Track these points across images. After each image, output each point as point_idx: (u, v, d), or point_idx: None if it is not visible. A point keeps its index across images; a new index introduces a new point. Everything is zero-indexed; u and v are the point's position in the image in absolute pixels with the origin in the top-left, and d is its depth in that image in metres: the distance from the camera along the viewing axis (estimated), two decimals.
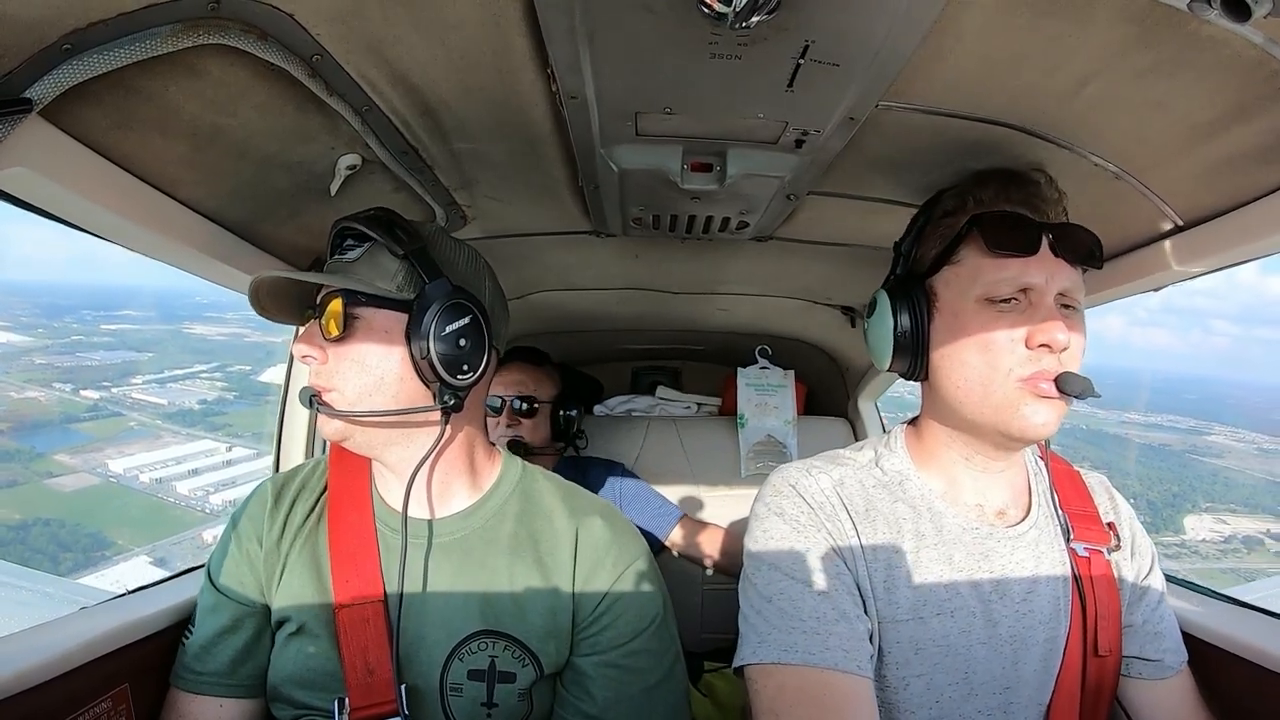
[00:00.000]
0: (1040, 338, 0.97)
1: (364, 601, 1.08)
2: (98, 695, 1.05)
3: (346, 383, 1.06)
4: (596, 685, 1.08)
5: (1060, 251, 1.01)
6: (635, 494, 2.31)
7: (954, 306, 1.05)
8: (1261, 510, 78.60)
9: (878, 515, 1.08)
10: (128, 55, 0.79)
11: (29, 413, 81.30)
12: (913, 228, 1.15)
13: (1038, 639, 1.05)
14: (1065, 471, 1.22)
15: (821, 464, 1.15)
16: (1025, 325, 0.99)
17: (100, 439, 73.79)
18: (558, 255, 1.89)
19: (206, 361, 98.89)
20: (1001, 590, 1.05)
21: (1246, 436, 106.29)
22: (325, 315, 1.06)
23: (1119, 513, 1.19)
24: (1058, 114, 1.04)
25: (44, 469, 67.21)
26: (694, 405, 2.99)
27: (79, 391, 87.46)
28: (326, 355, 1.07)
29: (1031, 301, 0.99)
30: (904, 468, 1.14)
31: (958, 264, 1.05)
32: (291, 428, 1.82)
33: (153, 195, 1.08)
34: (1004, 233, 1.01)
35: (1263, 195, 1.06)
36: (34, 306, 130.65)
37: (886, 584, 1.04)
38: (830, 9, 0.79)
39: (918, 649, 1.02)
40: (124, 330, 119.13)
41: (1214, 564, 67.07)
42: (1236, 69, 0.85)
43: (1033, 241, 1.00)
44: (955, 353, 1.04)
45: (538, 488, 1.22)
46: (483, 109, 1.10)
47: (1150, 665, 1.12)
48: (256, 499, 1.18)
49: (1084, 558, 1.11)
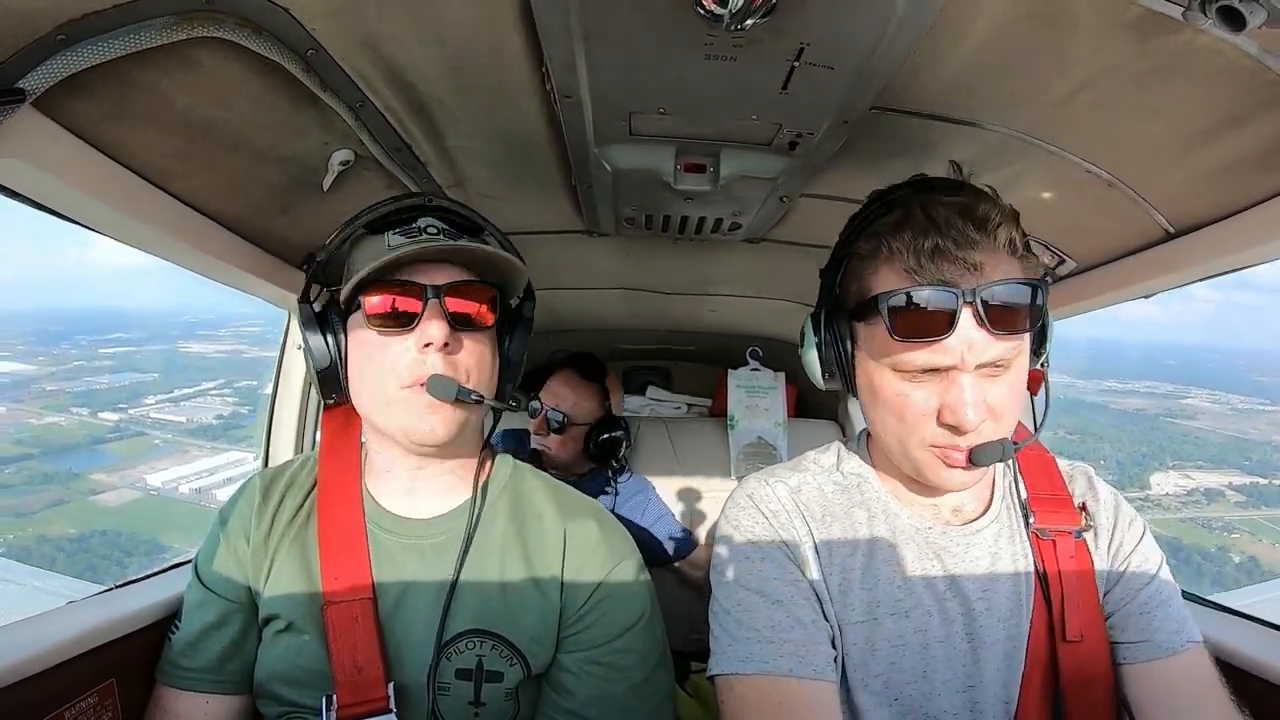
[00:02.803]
0: (949, 419, 0.93)
1: (353, 598, 1.08)
2: (84, 690, 1.04)
3: (473, 375, 1.07)
4: (579, 682, 1.08)
5: (986, 323, 0.89)
6: (660, 515, 2.33)
7: (869, 366, 1.00)
8: (1226, 465, 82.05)
9: (834, 520, 1.09)
10: (122, 46, 0.79)
11: (55, 437, 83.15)
12: (836, 256, 1.06)
13: (997, 636, 1.05)
14: (1037, 458, 1.19)
15: (782, 472, 1.15)
16: (938, 398, 0.94)
17: (130, 457, 75.70)
18: (550, 254, 1.88)
19: (212, 379, 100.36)
20: (956, 589, 1.05)
21: (1222, 398, 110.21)
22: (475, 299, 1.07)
23: (1098, 498, 1.15)
24: (1051, 120, 1.05)
25: (85, 487, 69.17)
26: (684, 406, 3.00)
27: (97, 414, 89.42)
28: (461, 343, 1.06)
29: (948, 376, 0.93)
30: (862, 470, 1.14)
31: (871, 324, 0.97)
32: (280, 424, 1.81)
33: (145, 188, 1.07)
34: (909, 320, 0.91)
35: (1255, 204, 1.07)
36: (26, 334, 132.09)
37: (842, 587, 1.05)
38: (825, 12, 0.79)
39: (874, 649, 1.03)
40: (122, 353, 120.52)
41: (1173, 514, 70.21)
42: (1230, 78, 0.86)
43: (944, 324, 0.89)
44: (872, 408, 1.03)
45: (528, 486, 1.22)
46: (477, 107, 1.10)
47: (1138, 647, 1.05)
48: (245, 495, 1.17)
49: (1047, 541, 1.09)
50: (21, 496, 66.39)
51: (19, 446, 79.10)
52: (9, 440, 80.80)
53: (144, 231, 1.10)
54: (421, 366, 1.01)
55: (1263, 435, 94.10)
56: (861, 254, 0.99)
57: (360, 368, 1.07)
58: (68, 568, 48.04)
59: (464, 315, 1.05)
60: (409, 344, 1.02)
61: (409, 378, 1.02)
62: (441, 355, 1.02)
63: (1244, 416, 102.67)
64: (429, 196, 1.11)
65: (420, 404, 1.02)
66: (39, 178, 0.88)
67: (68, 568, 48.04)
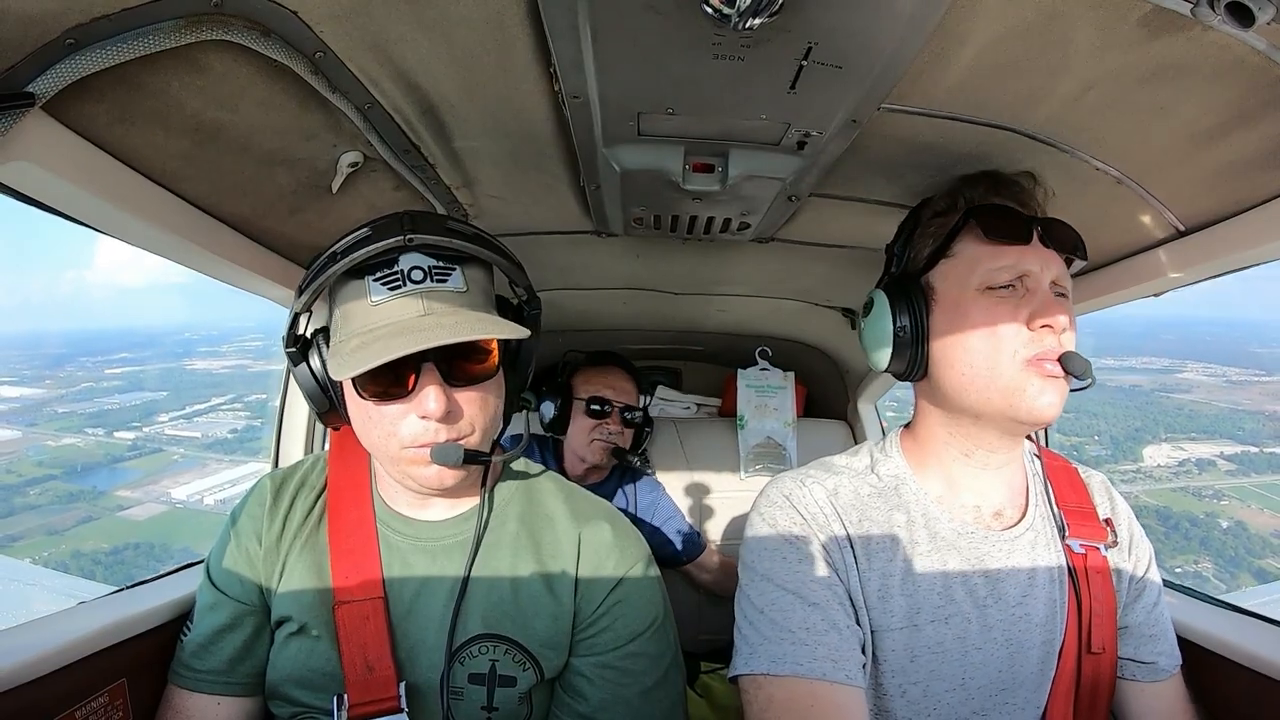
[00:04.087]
0: (1042, 319, 1.01)
1: (364, 598, 1.08)
2: (95, 690, 1.05)
3: (477, 425, 1.05)
4: (593, 686, 1.08)
5: (1050, 242, 1.05)
6: (670, 514, 2.34)
7: (954, 297, 1.07)
8: (1218, 435, 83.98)
9: (872, 524, 1.08)
10: (131, 50, 0.79)
11: (74, 458, 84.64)
12: (904, 230, 1.18)
13: (1034, 641, 1.05)
14: (1061, 468, 1.22)
15: (817, 473, 1.15)
16: (1026, 308, 1.02)
17: (152, 473, 77.38)
18: (559, 254, 1.88)
19: (222, 394, 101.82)
20: (997, 595, 1.05)
21: (1218, 370, 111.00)
22: (474, 359, 1.03)
23: (1116, 511, 1.19)
24: (1060, 118, 1.04)
25: (112, 504, 70.85)
26: (694, 406, 2.99)
27: (113, 434, 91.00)
28: (462, 403, 1.02)
29: (1028, 288, 1.03)
30: (900, 472, 1.14)
31: (954, 257, 1.09)
32: (289, 433, 1.82)
33: (154, 190, 1.08)
34: (1000, 222, 1.05)
35: (1264, 201, 1.06)
36: (31, 358, 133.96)
37: (881, 592, 1.04)
38: (833, 11, 0.79)
39: (913, 656, 1.02)
40: (130, 373, 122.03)
41: (1164, 485, 71.64)
42: (1239, 75, 0.85)
43: (1026, 231, 1.04)
44: (958, 342, 1.06)
45: (540, 489, 1.21)
46: (485, 107, 1.10)
47: (1145, 668, 1.12)
48: (255, 497, 1.18)
49: (1079, 554, 1.11)
50: (51, 515, 67.89)
51: (40, 468, 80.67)
52: (30, 463, 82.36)
53: (153, 233, 1.10)
54: (426, 435, 1.00)
55: (1256, 405, 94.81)
56: (938, 210, 1.13)
57: (361, 425, 1.05)
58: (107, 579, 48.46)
59: (463, 371, 1.02)
60: (409, 413, 1.00)
61: (411, 443, 1.01)
62: (443, 422, 1.00)
63: (1238, 388, 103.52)
64: (409, 234, 0.98)
65: (423, 464, 1.02)
66: (49, 181, 0.88)
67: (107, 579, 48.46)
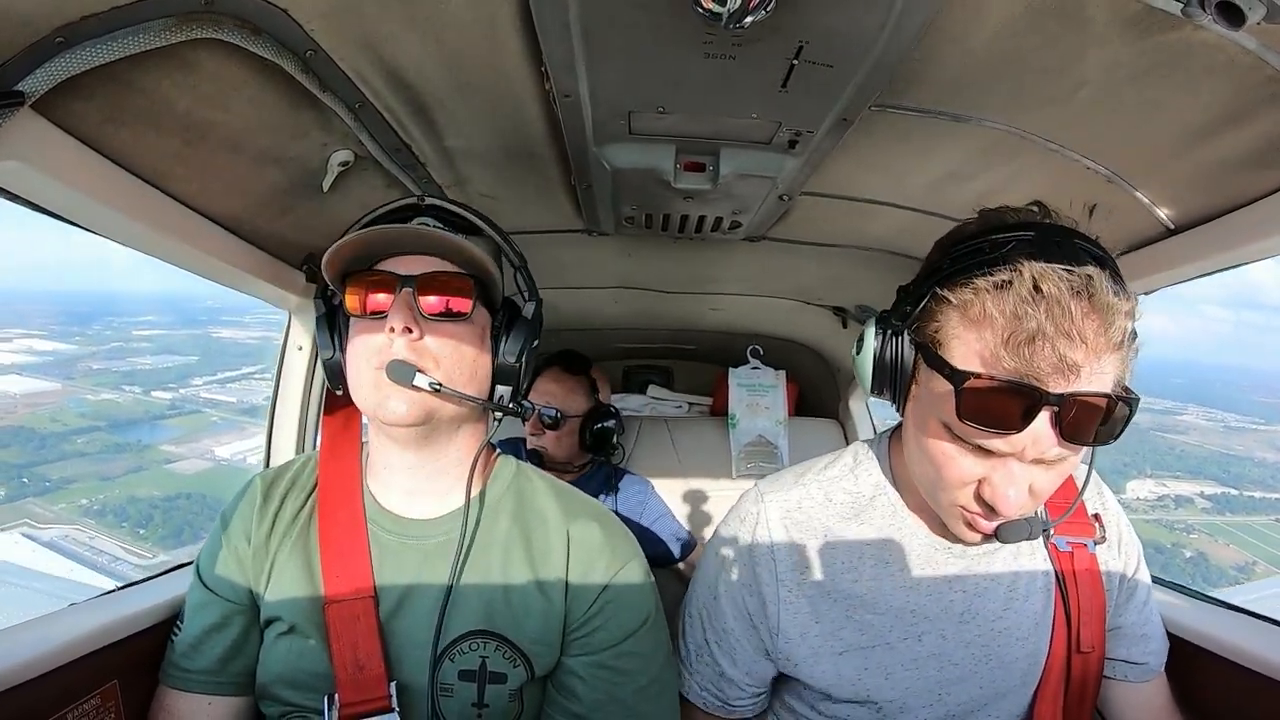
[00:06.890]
0: (988, 497, 0.88)
1: (354, 597, 1.08)
2: (87, 692, 1.04)
3: (443, 363, 1.05)
4: (586, 686, 1.08)
5: (1060, 429, 0.82)
6: (660, 514, 2.34)
7: (923, 410, 0.94)
8: (1202, 476, 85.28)
9: (838, 543, 1.07)
10: (121, 49, 0.79)
11: (114, 413, 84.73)
12: (923, 282, 0.95)
13: (1017, 654, 1.04)
14: None
15: (785, 485, 1.13)
16: (982, 472, 0.88)
17: (194, 431, 77.68)
18: (550, 253, 1.88)
19: (252, 363, 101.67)
20: (975, 609, 1.04)
21: (1217, 416, 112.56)
22: (448, 289, 1.06)
23: (1106, 506, 1.16)
24: (1050, 117, 1.04)
25: (159, 457, 71.65)
26: (685, 405, 3.00)
27: (149, 393, 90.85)
28: (422, 331, 1.04)
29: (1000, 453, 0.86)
30: (881, 480, 1.11)
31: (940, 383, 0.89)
32: (281, 427, 1.81)
33: (144, 190, 1.07)
34: (981, 408, 0.83)
35: (1255, 199, 1.07)
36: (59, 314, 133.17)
37: (848, 612, 1.03)
38: (824, 10, 0.79)
39: (888, 674, 1.02)
40: (158, 335, 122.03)
41: (1140, 516, 72.39)
42: (1230, 74, 0.86)
43: (1017, 421, 0.82)
44: (915, 446, 0.97)
45: (532, 487, 1.21)
46: (476, 107, 1.10)
47: (1135, 668, 1.11)
48: (245, 497, 1.17)
49: (1066, 553, 1.09)
50: (101, 463, 68.41)
51: (84, 419, 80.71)
52: (73, 414, 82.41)
53: (144, 233, 1.10)
54: (387, 350, 1.02)
55: (1247, 451, 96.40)
56: (952, 302, 0.87)
57: (349, 355, 1.09)
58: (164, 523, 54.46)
59: (436, 303, 1.05)
60: (380, 332, 1.03)
61: (377, 361, 1.03)
62: (407, 341, 1.02)
63: (1234, 433, 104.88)
64: (424, 196, 1.11)
65: (386, 385, 1.02)
66: (39, 180, 0.88)
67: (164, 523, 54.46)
